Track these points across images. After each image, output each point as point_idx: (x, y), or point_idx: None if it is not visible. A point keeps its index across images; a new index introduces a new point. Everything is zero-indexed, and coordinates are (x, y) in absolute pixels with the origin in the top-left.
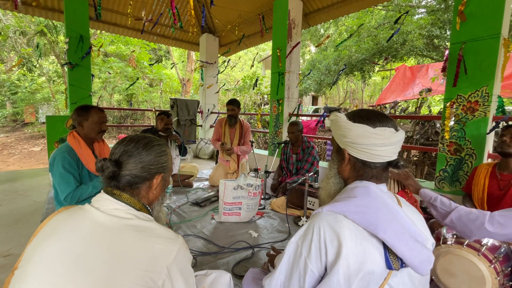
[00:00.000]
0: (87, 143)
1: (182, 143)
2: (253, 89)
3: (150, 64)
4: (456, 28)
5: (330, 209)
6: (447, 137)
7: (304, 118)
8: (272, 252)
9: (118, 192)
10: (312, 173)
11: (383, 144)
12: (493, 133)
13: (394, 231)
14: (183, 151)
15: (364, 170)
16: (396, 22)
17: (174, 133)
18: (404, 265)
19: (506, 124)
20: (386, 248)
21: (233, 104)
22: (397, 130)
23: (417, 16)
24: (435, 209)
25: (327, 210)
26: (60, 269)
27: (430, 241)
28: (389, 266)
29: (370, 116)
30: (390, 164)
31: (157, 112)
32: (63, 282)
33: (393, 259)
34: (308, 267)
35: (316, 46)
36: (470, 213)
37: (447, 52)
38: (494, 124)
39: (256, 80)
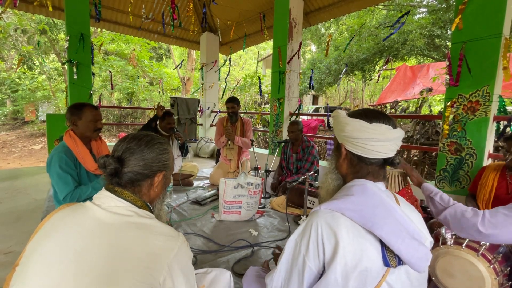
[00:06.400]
0: (84, 142)
1: (185, 142)
2: (260, 94)
3: (149, 55)
4: (458, 27)
5: (327, 207)
6: (446, 136)
7: (305, 117)
8: (277, 251)
9: (119, 190)
10: (312, 172)
11: (377, 140)
12: (493, 133)
13: (391, 228)
14: (185, 151)
15: (360, 166)
16: (395, 23)
17: (176, 131)
18: (401, 262)
19: (507, 136)
20: (383, 245)
21: (233, 102)
22: (395, 127)
23: (418, 16)
24: (433, 203)
25: (325, 208)
26: (61, 266)
27: (428, 239)
28: (386, 264)
29: (368, 113)
30: (386, 161)
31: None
32: (64, 278)
33: (390, 257)
34: (307, 264)
35: (325, 54)
36: (466, 211)
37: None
38: (495, 124)
39: (260, 84)
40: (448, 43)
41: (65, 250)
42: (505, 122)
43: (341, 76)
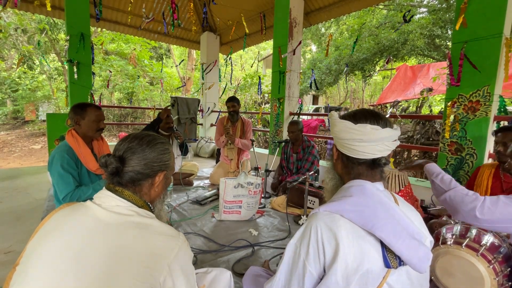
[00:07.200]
0: (86, 142)
1: (184, 141)
2: (259, 93)
3: (150, 52)
4: (462, 25)
5: (326, 209)
6: (447, 136)
7: (305, 117)
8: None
9: (120, 189)
10: (312, 172)
11: (361, 140)
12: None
13: (391, 229)
14: (184, 150)
15: (351, 166)
16: (403, 17)
17: (176, 130)
18: (402, 263)
19: (497, 129)
20: (384, 246)
21: (233, 101)
22: (384, 127)
23: (418, 16)
24: (433, 185)
25: (324, 210)
26: (61, 265)
27: (428, 239)
28: (387, 265)
29: (357, 114)
30: (374, 162)
31: (157, 111)
32: (64, 278)
33: (391, 258)
34: (307, 268)
35: (325, 54)
36: (466, 195)
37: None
38: (495, 124)
39: (260, 84)
40: (448, 43)
41: (66, 250)
42: (506, 123)
43: (342, 76)
